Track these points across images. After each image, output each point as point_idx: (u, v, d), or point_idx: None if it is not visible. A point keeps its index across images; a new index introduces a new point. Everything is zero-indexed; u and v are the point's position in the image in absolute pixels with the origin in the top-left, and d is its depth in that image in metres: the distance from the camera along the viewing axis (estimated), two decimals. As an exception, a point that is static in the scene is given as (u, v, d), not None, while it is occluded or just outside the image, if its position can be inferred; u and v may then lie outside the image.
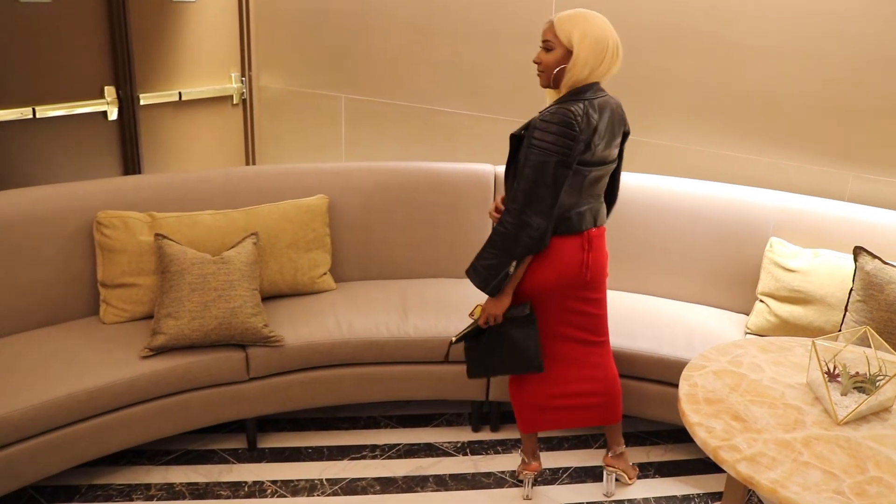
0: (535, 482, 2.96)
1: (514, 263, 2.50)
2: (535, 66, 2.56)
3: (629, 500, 2.89)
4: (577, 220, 2.56)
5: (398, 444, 3.18)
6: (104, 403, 2.68)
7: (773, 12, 3.27)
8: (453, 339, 2.72)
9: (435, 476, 2.99)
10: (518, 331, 2.62)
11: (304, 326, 3.07)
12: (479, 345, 2.71)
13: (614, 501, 2.88)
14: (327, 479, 2.96)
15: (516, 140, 2.54)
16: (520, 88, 3.82)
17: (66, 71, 3.65)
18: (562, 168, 2.42)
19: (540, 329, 2.66)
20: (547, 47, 2.50)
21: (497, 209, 2.69)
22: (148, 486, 2.88)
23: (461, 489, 2.93)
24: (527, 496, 2.89)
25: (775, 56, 3.31)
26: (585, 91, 2.48)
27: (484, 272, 2.52)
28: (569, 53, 2.47)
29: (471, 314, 2.71)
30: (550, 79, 2.53)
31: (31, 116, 3.54)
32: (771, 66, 3.33)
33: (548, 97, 2.63)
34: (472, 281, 2.57)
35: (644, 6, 3.50)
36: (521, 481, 2.93)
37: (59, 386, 2.60)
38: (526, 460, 2.89)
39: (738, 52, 3.37)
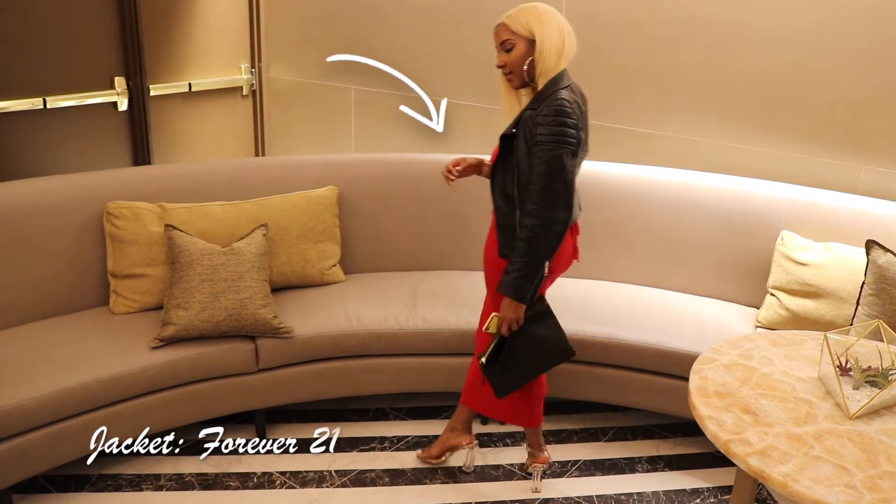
0: (544, 475, 2.96)
1: (547, 264, 2.48)
2: (503, 70, 2.54)
3: (638, 494, 2.89)
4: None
5: (407, 436, 3.19)
6: (115, 393, 2.69)
7: (784, 3, 3.25)
8: (483, 360, 2.60)
9: (444, 468, 2.99)
10: (542, 326, 2.59)
11: (313, 318, 3.07)
12: (498, 362, 2.62)
13: (623, 495, 2.88)
14: (336, 471, 2.96)
15: (507, 139, 2.52)
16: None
17: (76, 62, 3.66)
18: (572, 158, 2.41)
19: None
20: (507, 47, 2.50)
21: (450, 171, 2.65)
22: (157, 477, 2.89)
23: (470, 481, 2.93)
24: (535, 489, 2.89)
25: (787, 48, 3.29)
26: (561, 79, 2.47)
27: (520, 283, 2.44)
28: (532, 44, 2.47)
29: (486, 329, 2.59)
30: (523, 76, 2.52)
31: (41, 107, 3.55)
32: (782, 58, 3.31)
33: (510, 101, 2.62)
34: (507, 295, 2.47)
35: (656, 0, 3.49)
36: (530, 474, 2.93)
37: (70, 376, 2.61)
38: (534, 454, 2.89)
39: (748, 44, 3.35)
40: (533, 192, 2.41)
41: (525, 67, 2.49)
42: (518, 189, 2.49)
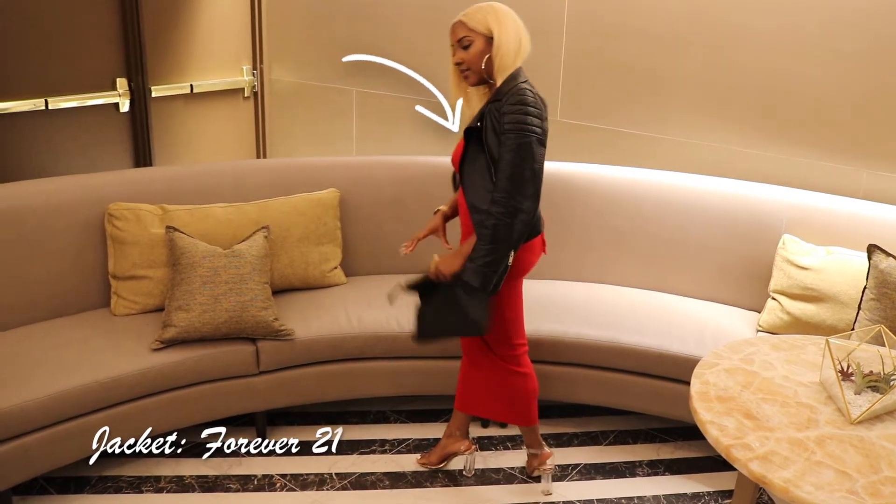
0: (553, 477, 2.94)
1: (512, 254, 2.47)
2: (460, 67, 2.54)
3: (639, 498, 2.88)
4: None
5: (408, 439, 3.18)
6: (116, 395, 2.69)
7: (786, 5, 3.24)
8: (403, 283, 2.61)
9: (444, 472, 2.99)
10: (470, 297, 2.49)
11: (314, 320, 3.07)
12: (430, 312, 2.60)
13: (624, 499, 2.88)
14: (336, 474, 2.96)
15: (473, 133, 2.51)
16: (534, 81, 3.79)
17: (78, 63, 3.66)
18: (540, 147, 2.42)
19: (514, 315, 2.66)
20: (464, 44, 2.51)
21: (420, 240, 2.81)
22: (158, 479, 2.89)
23: (470, 485, 2.93)
24: (547, 492, 2.87)
25: (789, 50, 3.28)
26: (519, 75, 2.49)
27: (485, 271, 2.42)
28: (489, 42, 2.48)
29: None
30: (481, 72, 2.52)
31: (43, 108, 3.55)
32: (784, 61, 3.30)
33: (466, 98, 2.62)
34: (472, 283, 2.44)
35: (658, 2, 3.48)
36: (538, 477, 2.92)
37: (71, 377, 2.61)
38: (535, 453, 2.88)
39: (750, 46, 3.35)
40: (500, 180, 2.41)
41: (482, 65, 2.50)
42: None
